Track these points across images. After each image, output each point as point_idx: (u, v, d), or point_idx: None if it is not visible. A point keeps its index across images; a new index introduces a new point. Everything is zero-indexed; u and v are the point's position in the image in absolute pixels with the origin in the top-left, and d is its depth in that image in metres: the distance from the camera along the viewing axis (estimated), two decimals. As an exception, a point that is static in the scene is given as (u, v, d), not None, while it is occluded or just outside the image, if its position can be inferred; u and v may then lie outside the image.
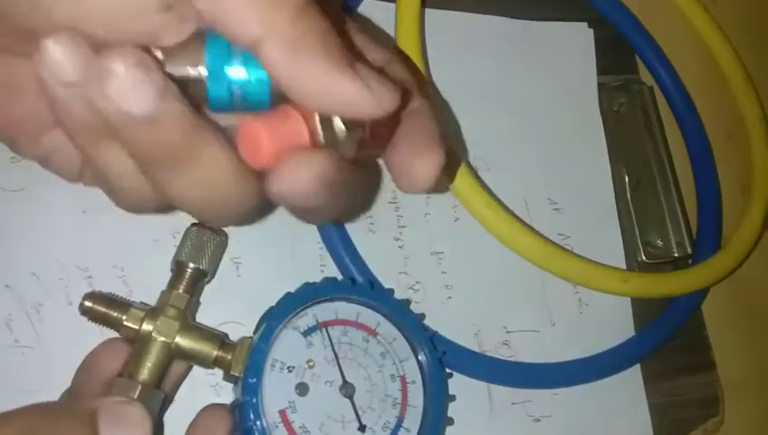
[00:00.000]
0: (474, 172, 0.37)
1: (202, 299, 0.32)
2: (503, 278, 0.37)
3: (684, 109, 0.43)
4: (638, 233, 0.40)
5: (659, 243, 0.40)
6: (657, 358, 0.38)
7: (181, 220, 0.31)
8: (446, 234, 0.37)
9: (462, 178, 0.36)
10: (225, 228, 0.33)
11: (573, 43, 0.43)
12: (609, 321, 0.38)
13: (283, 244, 0.35)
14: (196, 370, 0.31)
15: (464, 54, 0.40)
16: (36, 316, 0.31)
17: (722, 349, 0.40)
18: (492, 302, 0.37)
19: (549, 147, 0.40)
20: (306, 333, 0.31)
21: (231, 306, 0.33)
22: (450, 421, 0.32)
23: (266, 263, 0.34)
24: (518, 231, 0.36)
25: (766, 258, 0.43)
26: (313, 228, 0.35)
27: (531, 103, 0.41)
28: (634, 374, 0.38)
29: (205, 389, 0.32)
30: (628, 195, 0.41)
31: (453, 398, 0.33)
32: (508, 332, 0.37)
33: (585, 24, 0.43)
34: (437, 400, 0.32)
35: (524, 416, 0.36)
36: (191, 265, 0.31)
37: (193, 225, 0.32)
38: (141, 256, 0.33)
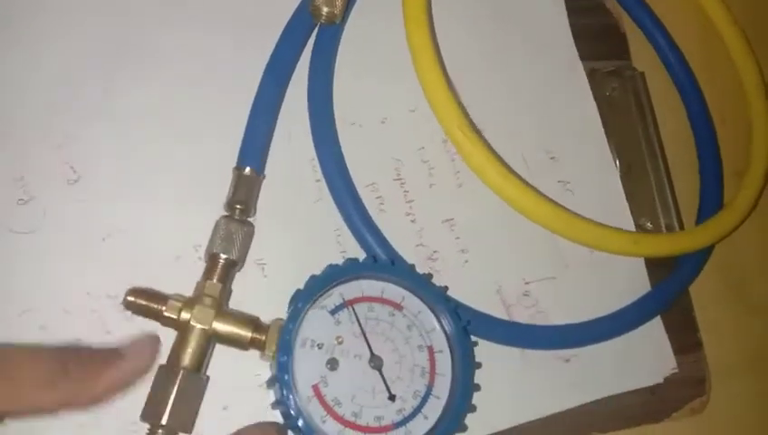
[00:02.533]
0: (486, 142, 0.38)
1: (235, 302, 0.34)
2: (513, 233, 0.38)
3: (688, 85, 0.43)
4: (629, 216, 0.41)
5: (649, 225, 0.41)
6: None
7: (202, 232, 0.33)
8: (453, 201, 0.38)
9: (474, 149, 0.36)
10: (250, 220, 0.35)
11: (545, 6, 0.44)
12: (618, 257, 0.39)
13: (300, 237, 0.36)
14: (243, 371, 0.33)
15: (452, 20, 0.41)
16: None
17: (709, 330, 0.41)
18: (507, 257, 0.38)
19: (538, 101, 0.41)
20: (334, 312, 0.33)
21: (263, 305, 0.34)
22: (478, 387, 0.33)
23: (289, 258, 0.36)
24: (530, 199, 0.36)
25: (755, 242, 0.44)
26: (327, 215, 0.36)
27: (515, 61, 0.42)
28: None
29: (253, 389, 0.33)
30: (619, 179, 0.41)
31: (479, 365, 0.34)
32: (527, 282, 0.38)
33: None
34: (465, 367, 0.33)
35: (554, 358, 0.37)
36: (223, 255, 0.33)
37: (222, 217, 0.34)
38: (166, 274, 0.33)
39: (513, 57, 0.42)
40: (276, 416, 0.32)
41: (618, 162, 0.42)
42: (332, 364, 0.32)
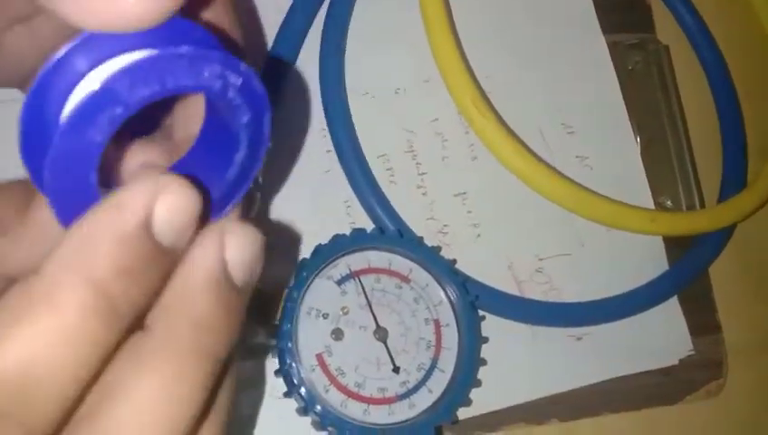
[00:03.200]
0: (499, 116, 0.37)
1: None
2: (527, 209, 0.37)
3: (712, 59, 0.42)
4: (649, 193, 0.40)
5: (669, 203, 0.40)
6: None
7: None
8: (466, 174, 0.37)
9: (487, 125, 0.36)
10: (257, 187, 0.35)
11: None
12: (635, 235, 0.38)
13: (309, 207, 0.36)
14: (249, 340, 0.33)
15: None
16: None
17: (727, 312, 0.40)
18: (520, 233, 0.37)
19: (555, 72, 0.40)
20: (340, 282, 0.33)
21: (269, 275, 0.33)
22: (483, 362, 0.33)
23: (298, 229, 0.35)
24: (545, 176, 0.36)
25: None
26: (337, 186, 0.36)
27: (532, 31, 0.41)
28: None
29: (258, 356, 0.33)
30: (639, 154, 0.40)
31: (486, 339, 0.33)
32: (540, 259, 0.37)
33: None
34: (470, 341, 0.33)
35: (565, 336, 0.36)
36: (229, 223, 0.33)
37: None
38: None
39: (530, 28, 0.41)
40: (280, 384, 0.32)
41: (638, 138, 0.40)
42: (337, 334, 0.32)
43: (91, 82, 0.16)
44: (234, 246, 0.17)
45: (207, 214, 0.18)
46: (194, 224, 0.17)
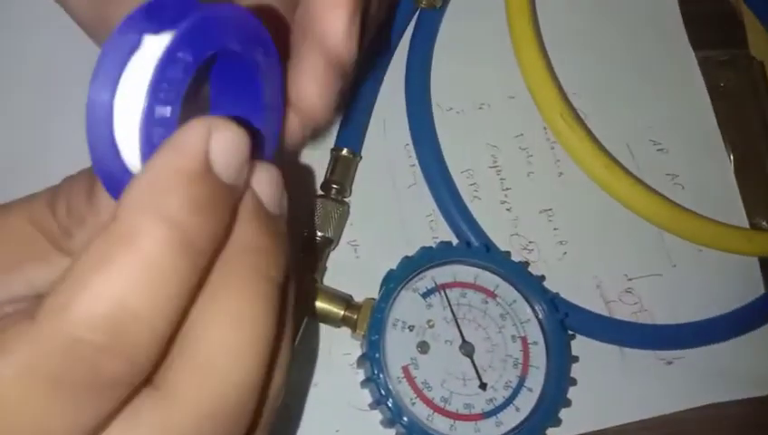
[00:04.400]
0: (588, 131, 0.36)
1: (328, 280, 0.34)
2: (616, 227, 0.37)
3: None
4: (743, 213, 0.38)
5: (765, 224, 0.38)
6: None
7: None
8: (552, 190, 0.37)
9: (576, 139, 0.35)
10: (345, 200, 0.35)
11: None
12: (729, 256, 0.37)
13: (393, 220, 0.36)
14: (334, 349, 0.33)
15: (556, 8, 0.40)
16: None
17: None
18: (609, 252, 0.36)
19: (644, 88, 0.40)
20: (425, 295, 0.33)
21: (355, 285, 0.34)
22: (573, 382, 0.32)
23: (381, 241, 0.35)
24: (636, 192, 0.35)
25: None
26: (420, 200, 0.36)
27: (620, 46, 0.40)
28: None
29: (343, 367, 0.33)
30: (732, 173, 0.39)
31: (576, 359, 0.32)
32: (629, 279, 0.36)
33: None
34: (560, 361, 0.32)
35: (656, 359, 0.35)
36: (319, 233, 0.33)
37: (317, 197, 0.34)
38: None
39: (618, 43, 0.40)
40: (365, 395, 0.32)
41: (731, 156, 0.39)
42: (423, 347, 0.32)
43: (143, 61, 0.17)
44: (263, 184, 0.19)
45: (255, 154, 0.19)
46: (247, 159, 0.18)
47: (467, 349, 0.32)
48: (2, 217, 0.21)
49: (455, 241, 0.35)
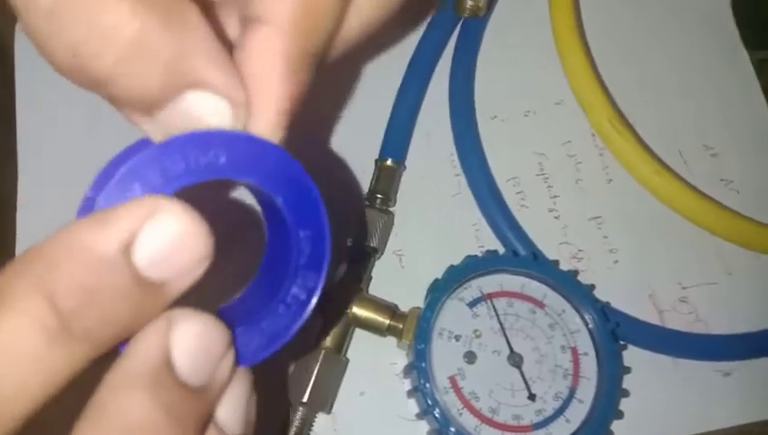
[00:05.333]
0: (638, 136, 0.35)
1: (373, 289, 0.34)
2: (669, 234, 0.36)
3: None
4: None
5: None
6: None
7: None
8: (601, 198, 0.36)
9: (626, 145, 0.35)
10: (390, 210, 0.35)
11: None
12: None
13: (438, 230, 0.36)
14: (380, 358, 0.33)
15: (601, 13, 0.40)
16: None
17: None
18: (662, 260, 0.35)
19: (695, 93, 0.39)
20: (471, 304, 0.32)
21: (399, 295, 0.34)
22: (626, 393, 0.31)
23: (425, 250, 0.35)
24: (690, 197, 0.34)
25: None
26: (465, 209, 0.36)
27: (670, 49, 0.39)
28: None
29: (389, 377, 0.33)
30: None
31: (628, 370, 0.32)
32: (684, 287, 0.35)
33: None
34: (612, 372, 0.31)
35: (712, 371, 0.34)
36: (364, 243, 0.33)
37: (363, 206, 0.34)
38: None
39: (668, 45, 0.39)
40: (412, 405, 0.32)
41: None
42: (470, 357, 0.31)
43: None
44: (182, 337, 0.15)
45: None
46: (191, 265, 0.15)
47: (515, 359, 0.31)
48: None
49: (501, 250, 0.34)
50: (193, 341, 0.15)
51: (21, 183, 0.35)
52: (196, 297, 0.16)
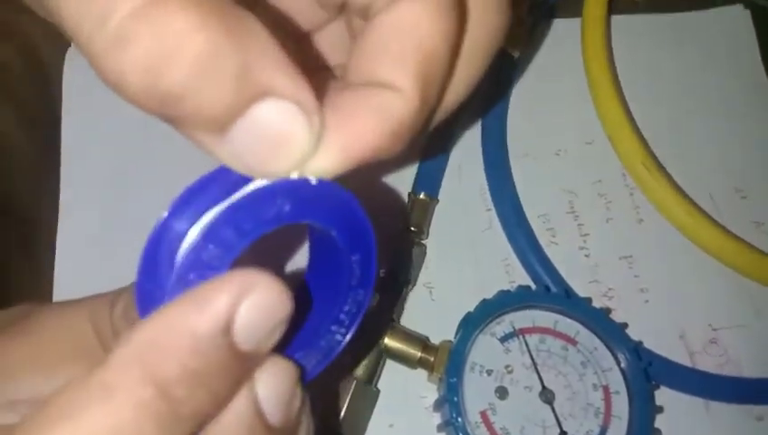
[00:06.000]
0: (669, 178, 0.36)
1: (403, 322, 0.34)
2: (699, 275, 0.36)
3: None
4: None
5: None
6: None
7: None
8: (631, 237, 0.36)
9: (658, 186, 0.35)
10: (423, 242, 0.35)
11: (731, 27, 0.42)
12: None
13: (468, 263, 0.36)
14: (410, 391, 0.33)
15: (633, 54, 0.40)
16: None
17: None
18: (692, 300, 0.35)
19: (725, 135, 0.39)
20: (503, 340, 0.32)
21: (430, 327, 0.34)
22: (657, 433, 0.31)
23: (456, 284, 0.35)
24: (720, 238, 0.34)
25: None
26: (496, 244, 0.36)
27: (701, 94, 0.40)
28: None
29: (419, 410, 0.33)
30: None
31: (660, 409, 0.31)
32: (714, 329, 0.35)
33: (740, 6, 0.42)
34: (643, 412, 0.31)
35: (744, 414, 0.33)
36: (396, 274, 0.34)
37: (397, 238, 0.35)
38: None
39: (698, 87, 0.40)
40: (442, 439, 0.31)
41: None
42: (501, 393, 0.31)
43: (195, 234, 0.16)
44: (268, 386, 0.16)
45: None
46: (279, 328, 0.15)
47: (547, 396, 0.31)
48: (65, 313, 0.21)
49: (531, 286, 0.35)
50: (277, 387, 0.16)
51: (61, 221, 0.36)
52: None
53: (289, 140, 0.16)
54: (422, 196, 0.36)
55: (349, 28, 0.23)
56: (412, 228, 0.35)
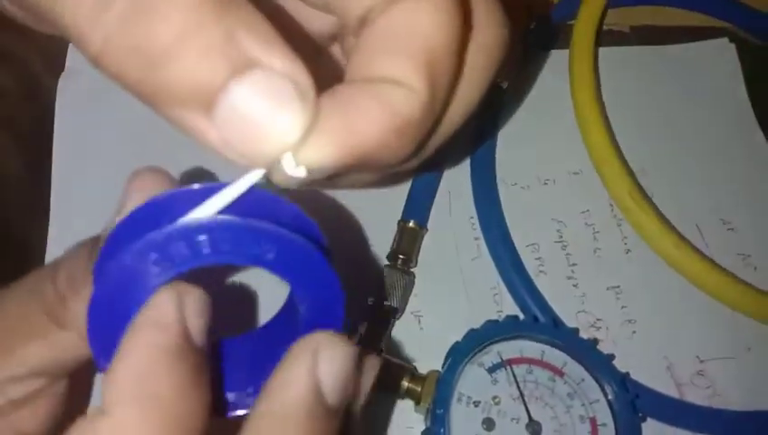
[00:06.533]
0: (656, 209, 0.36)
1: (392, 350, 0.34)
2: (687, 306, 0.36)
3: None
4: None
5: None
6: None
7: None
8: (619, 267, 0.37)
9: (645, 218, 0.35)
10: (411, 271, 0.35)
11: (717, 61, 0.43)
12: None
13: (457, 292, 0.36)
14: (398, 423, 0.33)
15: (621, 86, 0.41)
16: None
17: None
18: (679, 332, 0.35)
19: (712, 167, 0.40)
20: (491, 370, 0.32)
21: (417, 356, 0.34)
22: (645, 467, 0.31)
23: (444, 313, 0.35)
24: (709, 271, 0.34)
25: None
26: (484, 273, 0.36)
27: (687, 126, 0.41)
28: None
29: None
30: None
31: (648, 443, 0.31)
32: (701, 361, 0.35)
33: (726, 40, 0.43)
34: (631, 444, 0.31)
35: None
36: (384, 302, 0.34)
37: (385, 266, 0.35)
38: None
39: (684, 119, 0.41)
40: (429, 471, 0.31)
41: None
42: (488, 424, 0.31)
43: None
44: (327, 364, 0.16)
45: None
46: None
47: (535, 428, 0.31)
48: (7, 297, 0.21)
49: (519, 315, 0.35)
50: (337, 366, 0.16)
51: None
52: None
53: (276, 116, 0.15)
54: (411, 224, 0.36)
55: (343, 52, 0.22)
56: (401, 256, 0.35)
